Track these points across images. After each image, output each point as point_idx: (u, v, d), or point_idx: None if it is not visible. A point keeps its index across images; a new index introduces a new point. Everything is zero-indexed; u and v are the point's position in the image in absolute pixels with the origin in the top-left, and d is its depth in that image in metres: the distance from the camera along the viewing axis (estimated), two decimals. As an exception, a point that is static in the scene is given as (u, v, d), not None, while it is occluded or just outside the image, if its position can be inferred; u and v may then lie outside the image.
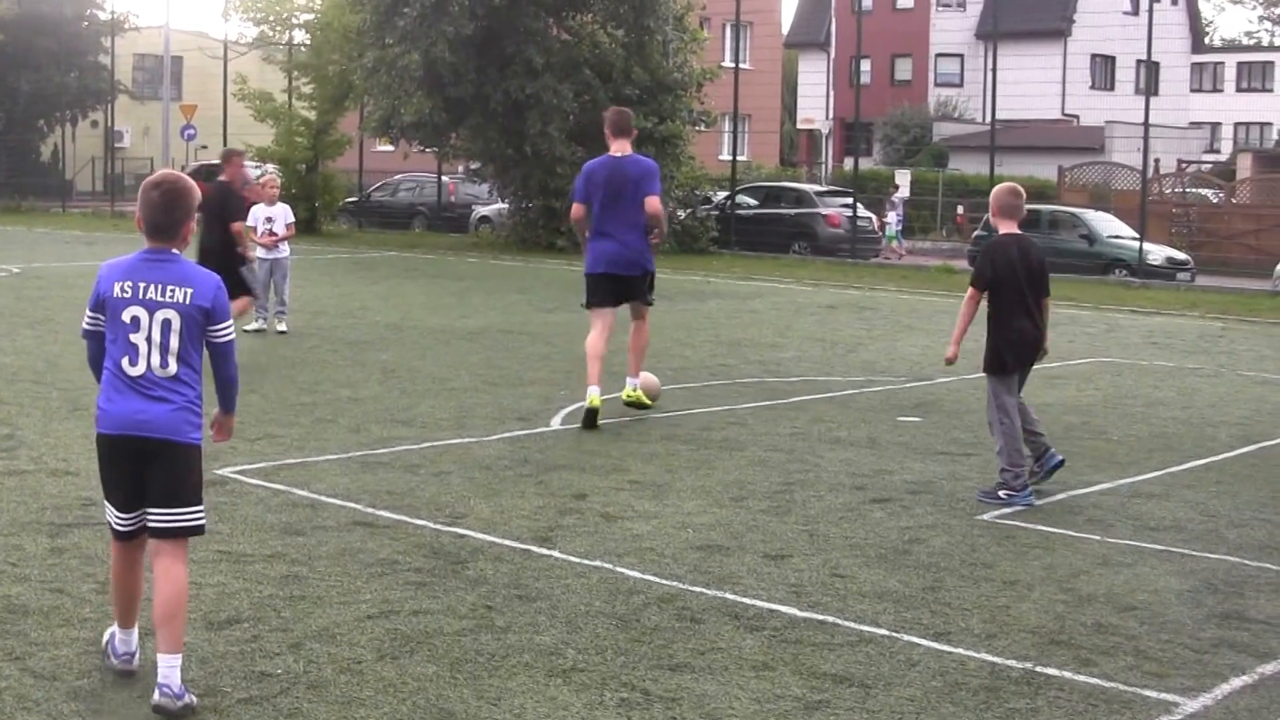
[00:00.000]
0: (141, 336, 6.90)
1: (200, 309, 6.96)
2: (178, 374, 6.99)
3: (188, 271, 7.04)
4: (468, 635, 7.86)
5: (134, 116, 77.90)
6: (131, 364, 6.92)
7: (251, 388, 15.68)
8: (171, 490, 7.04)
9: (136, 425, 6.93)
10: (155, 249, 7.01)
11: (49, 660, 7.34)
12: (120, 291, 6.93)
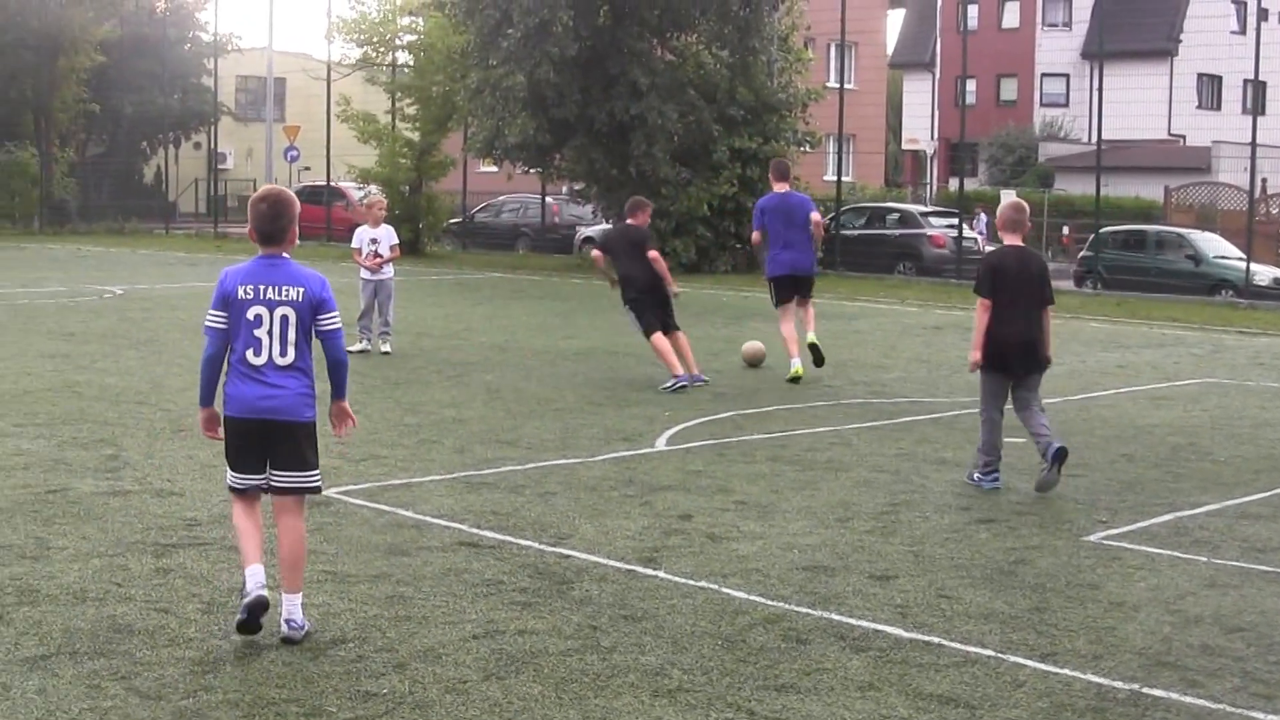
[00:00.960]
0: (264, 331, 8.06)
1: (311, 304, 8.13)
2: (294, 362, 8.15)
3: (298, 272, 8.21)
4: (573, 655, 7.87)
5: (237, 138, 78.60)
6: (255, 355, 8.07)
7: (356, 409, 15.67)
8: (294, 458, 8.23)
9: (262, 410, 8.10)
10: (268, 254, 8.20)
11: (154, 680, 7.39)
12: (244, 293, 8.08)
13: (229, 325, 8.11)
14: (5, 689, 7.21)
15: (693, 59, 41.81)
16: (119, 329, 23.54)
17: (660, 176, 39.64)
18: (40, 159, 61.55)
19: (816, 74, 49.25)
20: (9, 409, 15.50)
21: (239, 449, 8.21)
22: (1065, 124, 76.58)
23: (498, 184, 53.53)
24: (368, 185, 47.68)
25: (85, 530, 10.34)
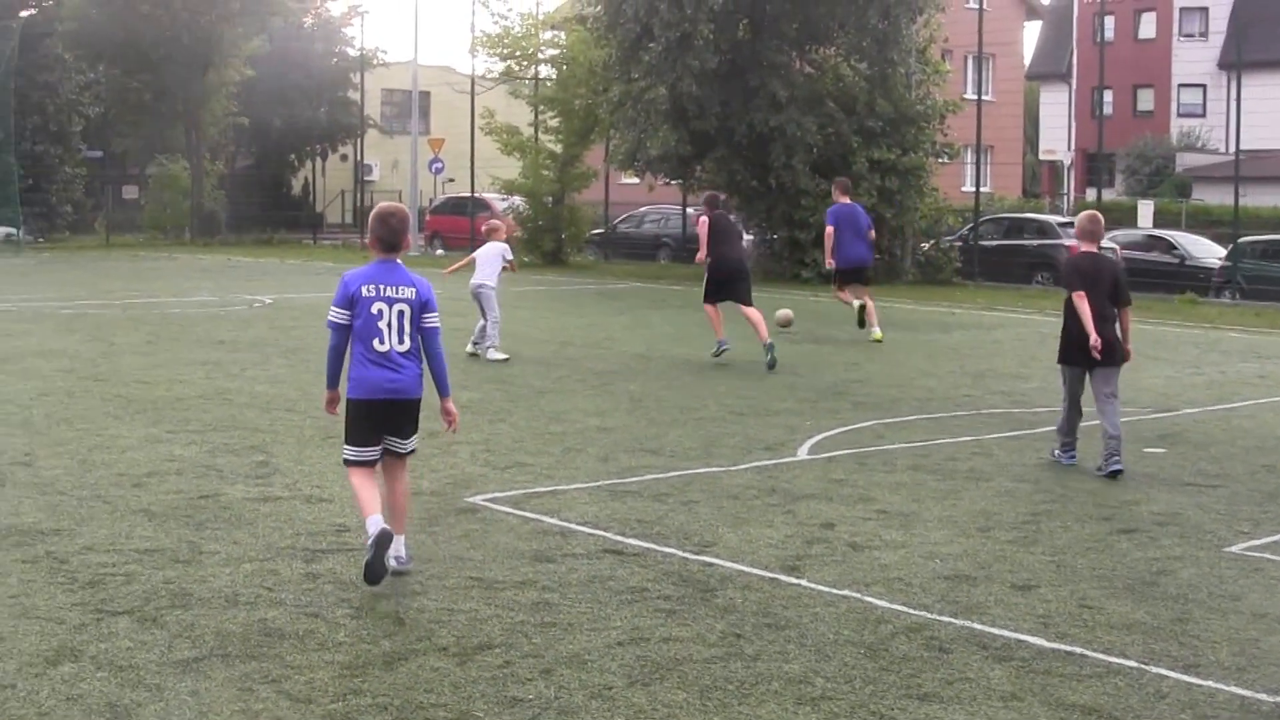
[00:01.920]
0: (385, 323, 9.40)
1: (420, 302, 9.51)
2: (410, 349, 9.49)
3: (410, 275, 9.60)
4: (717, 663, 7.90)
5: (383, 150, 79.33)
6: (380, 343, 9.40)
7: (501, 417, 16.00)
8: (410, 428, 9.69)
9: (387, 390, 9.43)
10: (385, 260, 9.61)
11: (304, 684, 7.52)
12: (367, 292, 9.43)
13: (351, 320, 9.44)
14: (159, 690, 7.37)
15: (831, 71, 41.80)
16: (268, 337, 23.94)
17: (799, 188, 39.66)
18: (191, 171, 62.64)
19: (954, 86, 49.04)
20: (162, 415, 15.83)
21: (364, 426, 9.51)
22: (1202, 134, 75.67)
23: (639, 195, 53.69)
24: (511, 197, 48.08)
25: (236, 535, 10.55)
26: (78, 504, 11.47)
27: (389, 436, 9.57)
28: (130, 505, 11.45)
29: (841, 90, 40.97)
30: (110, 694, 7.31)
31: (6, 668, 7.66)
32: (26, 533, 10.53)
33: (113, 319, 27.22)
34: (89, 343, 22.96)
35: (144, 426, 15.15)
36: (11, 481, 12.30)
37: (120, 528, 10.71)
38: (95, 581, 9.27)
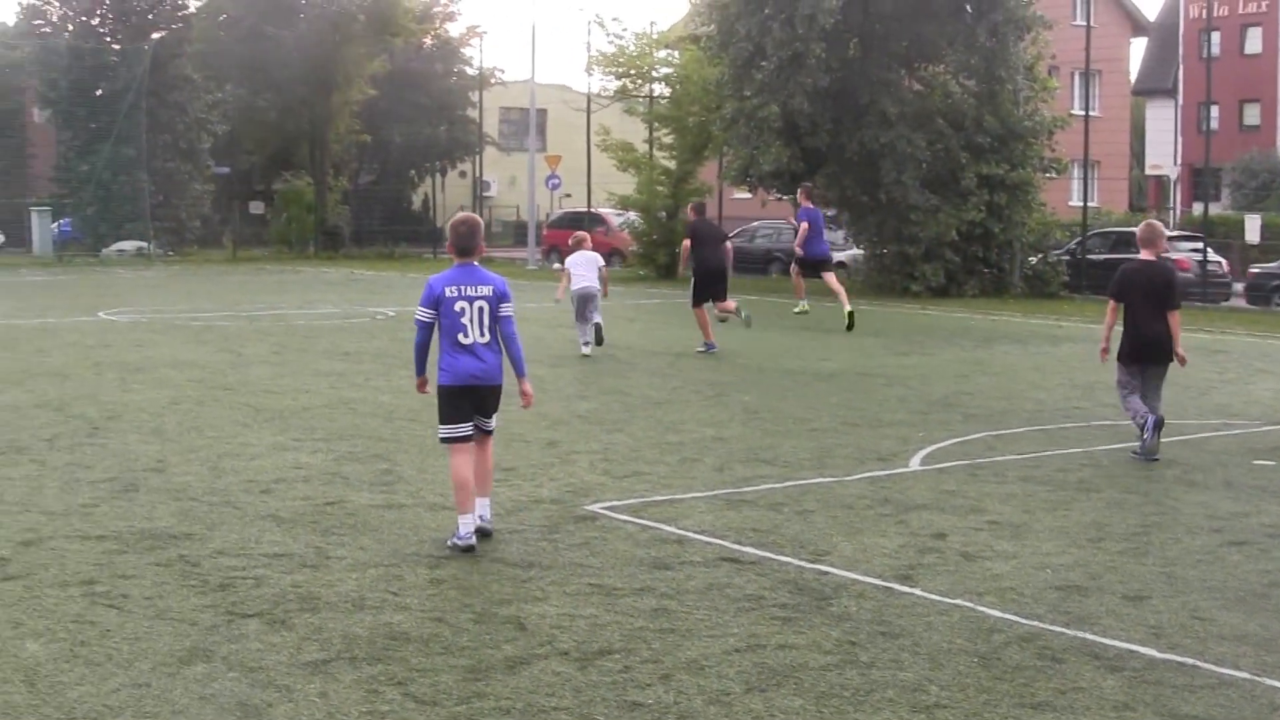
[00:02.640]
0: (467, 319, 10.69)
1: (498, 296, 10.79)
2: (490, 341, 10.78)
3: (487, 275, 10.91)
4: (833, 670, 7.96)
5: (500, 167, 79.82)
6: (465, 337, 10.70)
7: (619, 427, 16.16)
8: (493, 409, 11.02)
9: (473, 377, 10.73)
10: (464, 264, 10.89)
11: (429, 686, 7.65)
12: (450, 292, 10.73)
13: (437, 318, 10.77)
14: (288, 691, 7.54)
15: (940, 88, 41.73)
16: (391, 349, 24.22)
17: (909, 203, 39.66)
18: (315, 187, 63.30)
19: (1061, 101, 48.73)
20: (289, 424, 16.15)
21: (455, 407, 10.78)
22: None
23: (751, 210, 53.73)
24: (626, 212, 48.30)
25: (362, 541, 10.76)
26: (209, 509, 11.75)
27: (477, 416, 10.89)
28: (259, 511, 11.72)
29: (950, 107, 40.91)
30: (241, 694, 7.49)
31: (142, 667, 7.87)
32: (159, 537, 10.81)
33: (240, 331, 27.65)
34: (218, 353, 23.38)
35: (272, 435, 15.46)
36: (145, 487, 12.61)
37: (250, 533, 10.97)
38: (226, 584, 9.50)
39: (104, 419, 16.45)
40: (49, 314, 31.76)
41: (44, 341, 25.22)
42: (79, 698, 7.40)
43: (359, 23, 63.28)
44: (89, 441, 14.98)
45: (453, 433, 10.81)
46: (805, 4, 38.17)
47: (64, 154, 65.37)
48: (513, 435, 15.39)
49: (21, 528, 11.08)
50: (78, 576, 9.67)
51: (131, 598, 9.18)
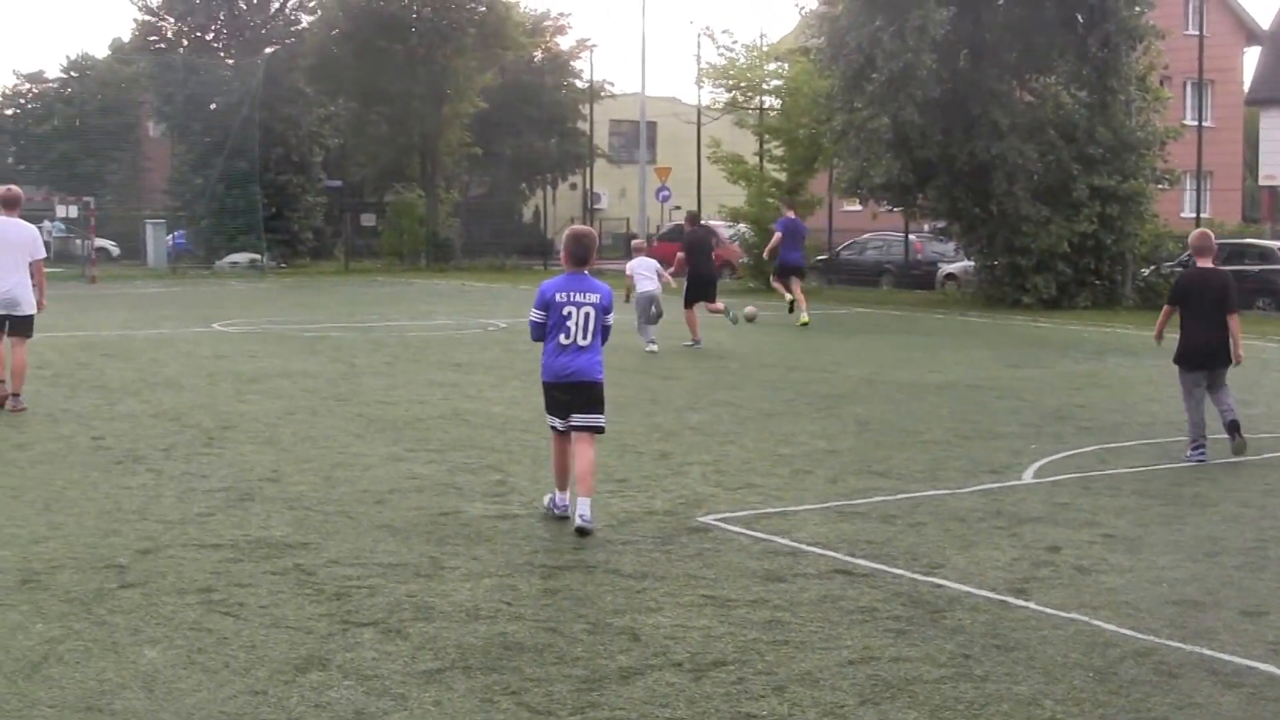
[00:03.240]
0: (573, 322, 11.64)
1: (603, 306, 11.75)
2: (590, 344, 11.71)
3: (595, 284, 11.81)
4: (947, 683, 7.93)
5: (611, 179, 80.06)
6: (566, 338, 11.66)
7: (731, 439, 16.17)
8: (589, 405, 11.73)
9: (568, 374, 11.67)
10: (575, 272, 11.86)
11: (543, 696, 7.67)
12: (560, 297, 11.68)
13: (546, 320, 11.72)
14: (403, 699, 7.58)
15: (1051, 99, 41.48)
16: (503, 360, 24.39)
17: (1021, 214, 39.47)
18: (427, 199, 63.73)
19: (1174, 112, 48.29)
20: (403, 435, 16.26)
21: (553, 401, 11.83)
22: None
23: (862, 222, 53.65)
24: (737, 223, 48.35)
25: (476, 551, 10.81)
26: (323, 519, 11.86)
27: (574, 413, 11.69)
28: (373, 521, 11.81)
29: (1062, 118, 40.66)
30: (357, 702, 7.53)
31: (258, 675, 7.94)
32: (275, 546, 10.92)
33: (353, 341, 27.90)
34: (331, 364, 23.62)
35: (385, 445, 15.58)
36: (260, 497, 12.74)
37: (364, 542, 11.05)
38: (341, 593, 9.57)
39: (219, 429, 16.63)
40: (164, 325, 32.13)
41: (159, 352, 25.52)
42: (196, 704, 7.48)
43: (470, 36, 63.65)
44: (205, 451, 15.15)
45: (556, 424, 11.85)
46: (916, 15, 38.05)
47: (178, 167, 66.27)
48: (625, 446, 15.44)
49: (139, 536, 11.22)
50: (194, 584, 9.77)
51: (247, 606, 9.26)
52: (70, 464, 14.35)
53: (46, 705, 7.45)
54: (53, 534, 11.27)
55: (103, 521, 11.74)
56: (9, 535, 11.21)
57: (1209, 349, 15.48)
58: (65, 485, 13.24)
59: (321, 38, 64.40)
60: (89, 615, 9.03)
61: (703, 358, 25.11)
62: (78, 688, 7.70)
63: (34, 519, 11.83)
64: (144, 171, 79.20)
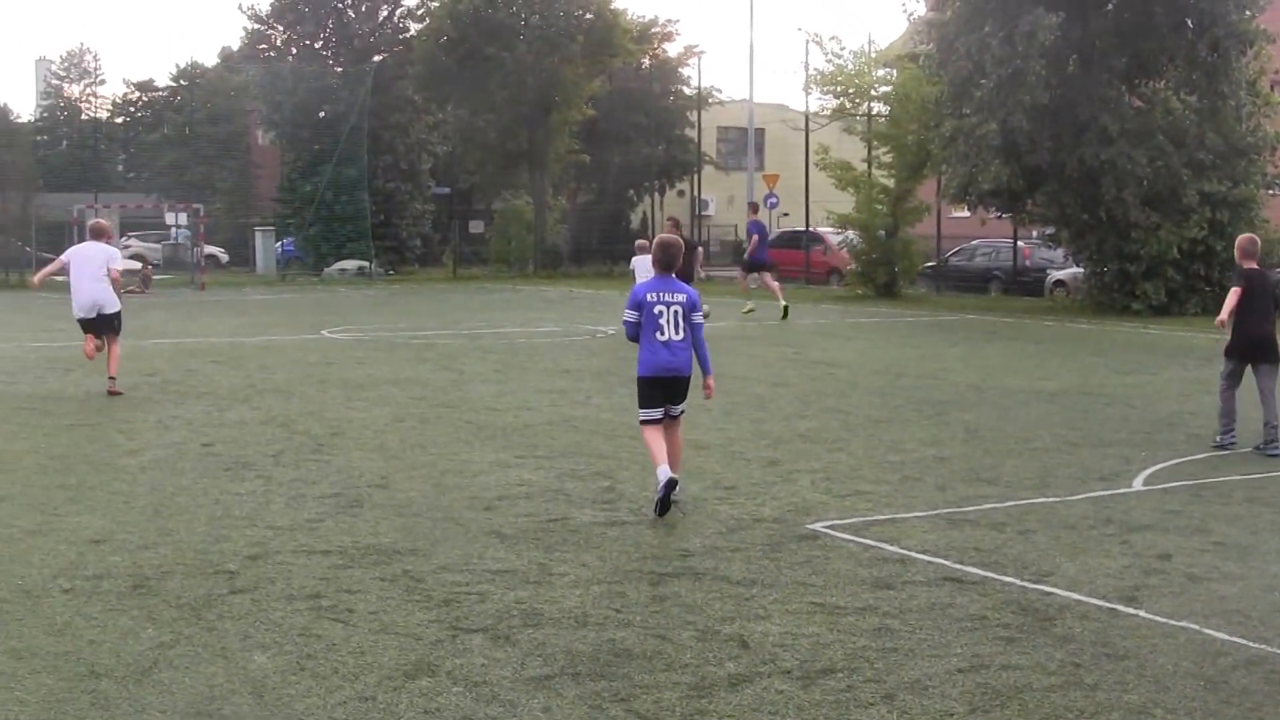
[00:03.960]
0: (665, 320, 12.66)
1: (689, 304, 12.77)
2: (683, 339, 12.69)
3: (681, 286, 12.92)
4: (1057, 691, 7.88)
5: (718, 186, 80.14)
6: (661, 335, 12.67)
7: (839, 446, 16.14)
8: (683, 396, 12.87)
9: (665, 369, 12.67)
10: (663, 276, 12.92)
11: (652, 703, 7.68)
12: (651, 298, 12.73)
13: (639, 320, 12.70)
14: (512, 706, 7.61)
15: (1161, 105, 41.08)
16: (612, 367, 24.39)
17: (1130, 220, 39.15)
18: (535, 206, 63.99)
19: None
20: (511, 441, 16.34)
21: (650, 394, 12.74)
22: None
23: (970, 228, 53.37)
24: (845, 230, 48.27)
25: (585, 558, 10.84)
26: (432, 525, 11.93)
27: (668, 403, 12.76)
28: (482, 527, 11.87)
29: (1171, 123, 40.27)
30: (466, 708, 7.56)
31: (368, 680, 7.99)
32: (384, 552, 10.98)
33: (461, 348, 28.05)
34: (439, 371, 23.76)
35: (494, 452, 15.65)
36: (369, 503, 12.83)
37: (473, 549, 11.10)
38: (450, 600, 9.62)
39: (328, 435, 16.77)
40: (273, 332, 32.44)
41: (268, 359, 25.75)
42: (305, 710, 7.54)
43: (578, 43, 63.87)
44: (314, 457, 15.28)
45: (647, 415, 12.75)
46: (1025, 21, 37.83)
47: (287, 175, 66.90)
48: (734, 454, 15.46)
49: (249, 542, 11.33)
50: (304, 590, 9.86)
51: (357, 612, 9.33)
52: (180, 470, 14.51)
53: (157, 710, 7.53)
54: (163, 540, 11.41)
55: (212, 527, 11.87)
56: (120, 541, 11.35)
57: (1260, 341, 16.46)
58: (175, 491, 13.40)
59: (429, 45, 64.76)
60: (199, 621, 9.13)
61: (811, 365, 25.03)
62: (188, 693, 7.79)
63: (145, 525, 11.97)
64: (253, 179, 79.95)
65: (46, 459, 15.18)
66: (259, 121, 75.32)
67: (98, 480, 13.96)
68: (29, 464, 14.87)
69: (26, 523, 12.00)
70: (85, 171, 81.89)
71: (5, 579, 10.15)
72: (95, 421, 17.90)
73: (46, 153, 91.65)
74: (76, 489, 13.51)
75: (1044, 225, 46.08)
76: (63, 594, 9.76)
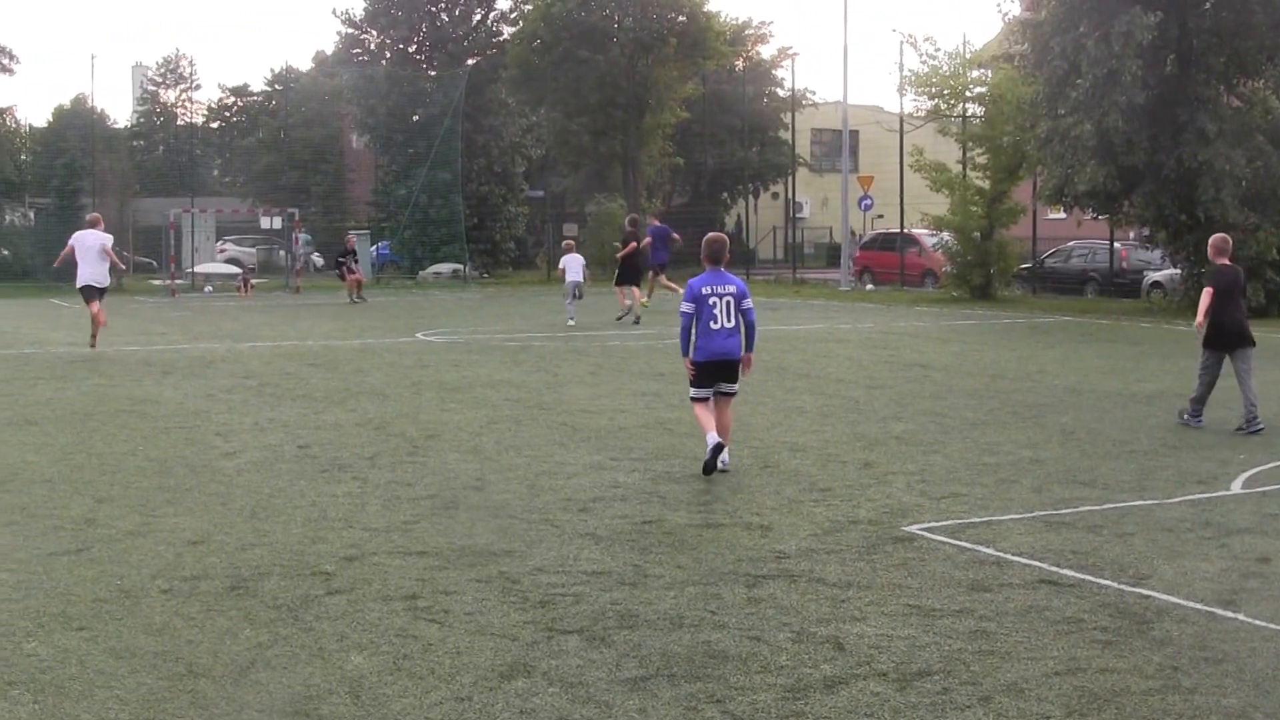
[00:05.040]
0: (719, 310, 14.37)
1: (739, 294, 14.53)
2: (734, 327, 14.43)
3: (731, 278, 14.70)
4: (1154, 695, 7.82)
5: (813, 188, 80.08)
6: (714, 323, 14.37)
7: (935, 448, 16.10)
8: (733, 377, 14.65)
9: (719, 354, 14.44)
10: (714, 269, 14.69)
11: (747, 704, 7.67)
12: (705, 290, 14.45)
13: (695, 310, 14.38)
14: (608, 707, 7.63)
15: (1260, 104, 40.66)
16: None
17: (1228, 221, 38.70)
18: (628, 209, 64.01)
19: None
20: (606, 444, 16.41)
21: (704, 375, 14.47)
22: None
23: (1067, 230, 53.08)
24: (940, 232, 48.09)
25: (680, 560, 10.85)
26: (527, 527, 11.98)
27: (720, 383, 14.53)
28: (577, 529, 11.90)
29: (1271, 123, 39.86)
30: (561, 709, 7.58)
31: (464, 681, 8.03)
32: (480, 553, 11.03)
33: (556, 351, 28.18)
34: (534, 373, 23.89)
35: (588, 454, 15.71)
36: (465, 505, 12.90)
37: (568, 550, 11.14)
38: (545, 601, 9.65)
39: (423, 438, 16.86)
40: (368, 335, 32.65)
41: (363, 362, 25.92)
42: (402, 710, 7.58)
43: (671, 46, 63.98)
44: (409, 460, 15.37)
45: (698, 394, 14.57)
46: (1121, 21, 37.55)
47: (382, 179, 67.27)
48: (829, 456, 15.46)
49: (345, 543, 11.41)
50: (400, 591, 9.92)
51: (453, 613, 9.38)
52: (277, 472, 14.64)
53: (255, 709, 7.60)
54: (260, 541, 11.51)
55: (309, 529, 11.97)
56: (218, 542, 11.46)
57: (1238, 331, 17.97)
58: (272, 493, 13.52)
59: (523, 49, 65.03)
60: (296, 621, 9.21)
61: (907, 367, 24.95)
62: (285, 692, 7.85)
63: (242, 526, 12.09)
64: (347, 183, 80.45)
65: (145, 461, 15.36)
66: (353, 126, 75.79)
67: (195, 482, 14.11)
68: (129, 466, 15.04)
69: (126, 524, 12.15)
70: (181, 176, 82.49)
71: (105, 579, 10.27)
72: (193, 424, 18.08)
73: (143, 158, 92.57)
74: (175, 491, 13.67)
75: (1141, 226, 45.72)
76: (161, 594, 9.87)
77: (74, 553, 11.11)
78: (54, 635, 8.91)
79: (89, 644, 8.72)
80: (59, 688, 7.94)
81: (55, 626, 9.10)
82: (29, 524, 12.19)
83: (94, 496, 13.38)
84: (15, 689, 7.93)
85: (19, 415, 18.90)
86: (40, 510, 12.76)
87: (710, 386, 14.48)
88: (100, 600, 9.72)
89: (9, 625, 9.12)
